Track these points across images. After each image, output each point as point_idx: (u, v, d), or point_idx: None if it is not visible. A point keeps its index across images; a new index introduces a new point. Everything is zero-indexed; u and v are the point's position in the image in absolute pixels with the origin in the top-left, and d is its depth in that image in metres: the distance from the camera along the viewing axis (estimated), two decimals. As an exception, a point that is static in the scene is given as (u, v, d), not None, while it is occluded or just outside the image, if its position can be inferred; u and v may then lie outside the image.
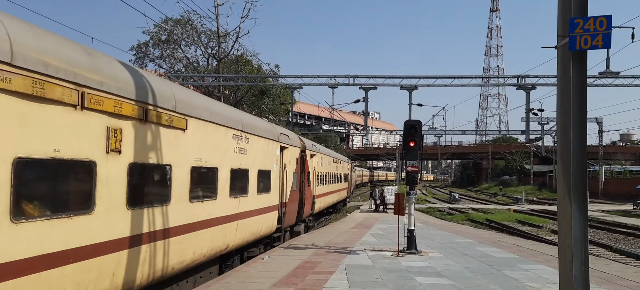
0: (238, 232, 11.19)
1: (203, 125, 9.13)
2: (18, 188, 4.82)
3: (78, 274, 5.62)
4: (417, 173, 13.32)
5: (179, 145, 8.13)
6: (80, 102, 5.67)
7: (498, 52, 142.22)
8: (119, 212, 6.43)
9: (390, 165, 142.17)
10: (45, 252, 5.16)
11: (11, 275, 4.75)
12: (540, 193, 64.54)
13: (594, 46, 5.29)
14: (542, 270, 10.88)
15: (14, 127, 4.82)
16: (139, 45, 37.99)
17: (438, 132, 58.94)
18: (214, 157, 9.62)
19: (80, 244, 5.68)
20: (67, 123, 5.50)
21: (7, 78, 4.68)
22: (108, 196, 6.19)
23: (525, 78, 32.72)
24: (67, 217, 5.47)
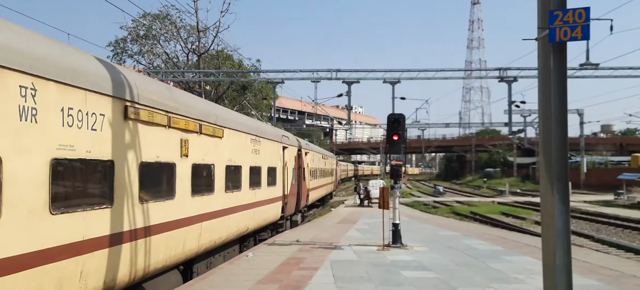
0: (254, 217, 13.92)
1: (233, 133, 11.70)
2: (141, 181, 7.26)
3: (171, 239, 8.31)
4: (402, 167, 13.33)
5: (218, 149, 10.63)
6: (168, 124, 8.09)
7: (480, 45, 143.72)
8: (186, 199, 8.87)
9: (374, 160, 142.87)
10: (163, 221, 7.98)
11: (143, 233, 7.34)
12: (523, 185, 65.44)
13: (574, 38, 5.30)
14: (526, 262, 10.98)
15: (141, 143, 7.25)
16: (116, 41, 37.35)
17: (422, 126, 59.33)
18: (239, 157, 12.20)
19: (170, 219, 8.25)
20: (162, 138, 7.95)
21: (137, 111, 7.09)
22: (181, 187, 8.62)
23: (507, 70, 33.05)
24: (163, 200, 8.02)
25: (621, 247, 16.38)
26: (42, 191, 5.22)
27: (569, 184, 5.33)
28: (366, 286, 8.52)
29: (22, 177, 4.97)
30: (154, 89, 8.07)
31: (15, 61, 4.92)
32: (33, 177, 5.11)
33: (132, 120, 6.98)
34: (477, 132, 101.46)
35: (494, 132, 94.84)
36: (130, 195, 6.92)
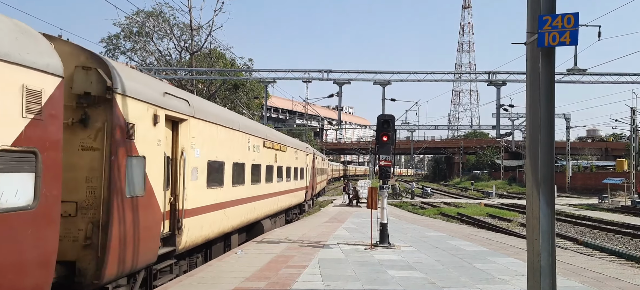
0: (294, 198, 23.87)
1: (288, 149, 21.54)
2: (267, 176, 16.69)
3: (266, 205, 16.50)
4: (390, 167, 13.42)
5: (283, 158, 20.14)
6: (272, 147, 17.44)
7: (470, 48, 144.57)
8: (267, 184, 17.01)
9: (363, 160, 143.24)
10: (240, 197, 13.58)
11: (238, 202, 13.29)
12: (510, 187, 66.13)
13: (562, 43, 5.40)
14: (511, 263, 11.13)
15: (263, 157, 16.40)
16: (109, 38, 37.08)
17: (411, 127, 59.60)
18: (290, 162, 21.99)
19: (250, 195, 14.83)
20: (262, 152, 15.92)
21: (266, 142, 16.20)
22: (265, 177, 16.51)
23: (496, 74, 33.34)
24: (256, 184, 15.33)
25: (604, 250, 16.65)
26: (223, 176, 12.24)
27: (555, 187, 5.44)
28: (353, 285, 8.58)
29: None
30: (258, 126, 18.10)
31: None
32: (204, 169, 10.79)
33: (266, 148, 16.82)
34: (465, 134, 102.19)
35: (482, 134, 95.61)
36: (248, 179, 14.37)
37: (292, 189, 22.52)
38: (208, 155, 10.76)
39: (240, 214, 13.73)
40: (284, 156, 20.26)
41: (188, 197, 9.48)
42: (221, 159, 11.81)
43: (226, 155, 12.24)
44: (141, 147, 7.60)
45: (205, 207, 10.63)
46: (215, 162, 11.33)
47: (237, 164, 13.35)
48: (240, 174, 13.65)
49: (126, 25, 36.00)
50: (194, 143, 9.89)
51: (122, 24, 35.84)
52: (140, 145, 7.58)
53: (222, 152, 11.88)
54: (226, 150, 12.24)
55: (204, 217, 10.50)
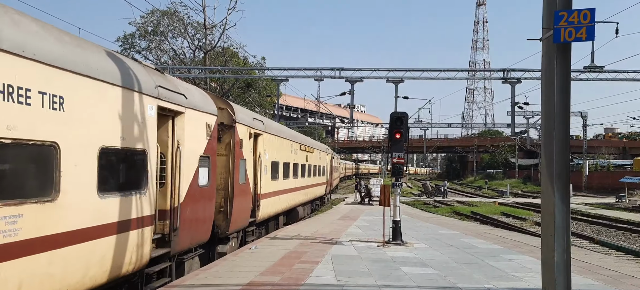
0: (317, 190, 28.62)
1: (314, 150, 27.21)
2: (301, 172, 22.75)
3: (300, 196, 22.17)
4: (403, 165, 13.41)
5: (311, 158, 25.50)
6: (299, 148, 21.93)
7: (484, 45, 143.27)
8: (301, 178, 22.38)
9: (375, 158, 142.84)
10: (286, 188, 18.85)
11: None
12: (525, 186, 65.45)
13: (578, 38, 5.37)
14: (526, 260, 11.07)
15: (300, 157, 22.52)
16: (125, 37, 37.52)
17: (424, 125, 59.34)
18: (315, 161, 27.31)
19: (292, 187, 20.04)
20: (299, 154, 21.61)
21: (302, 147, 21.88)
22: (300, 173, 22.02)
23: (511, 72, 33.06)
24: (295, 178, 20.72)
25: (621, 249, 16.44)
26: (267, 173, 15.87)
27: (570, 183, 5.42)
28: (366, 280, 8.62)
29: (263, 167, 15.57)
30: (314, 144, 28.12)
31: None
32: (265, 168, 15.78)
33: (301, 151, 21.92)
34: (479, 132, 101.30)
35: (497, 133, 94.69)
36: (291, 175, 19.19)
37: (317, 183, 28.54)
38: (271, 157, 16.10)
39: (286, 200, 19.04)
40: (312, 156, 26.17)
41: (262, 186, 14.78)
42: (277, 160, 17.09)
43: (280, 157, 17.60)
44: (244, 153, 12.84)
45: (270, 193, 16.06)
46: (275, 162, 16.69)
47: (286, 164, 18.70)
48: (287, 170, 19.00)
49: (141, 24, 36.41)
50: (265, 149, 15.09)
51: (137, 23, 36.26)
52: (244, 152, 12.81)
53: (278, 155, 17.20)
54: (280, 153, 17.60)
55: (269, 200, 15.93)
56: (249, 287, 7.90)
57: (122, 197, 6.83)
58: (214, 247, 11.55)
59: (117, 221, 6.69)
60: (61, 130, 5.59)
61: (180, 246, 8.90)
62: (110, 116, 6.62)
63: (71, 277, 5.80)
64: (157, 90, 7.89)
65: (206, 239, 10.55)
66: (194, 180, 9.32)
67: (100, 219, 6.35)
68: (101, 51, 6.88)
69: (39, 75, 5.25)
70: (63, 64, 5.65)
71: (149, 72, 8.01)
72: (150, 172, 7.64)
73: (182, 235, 8.87)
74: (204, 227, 10.16)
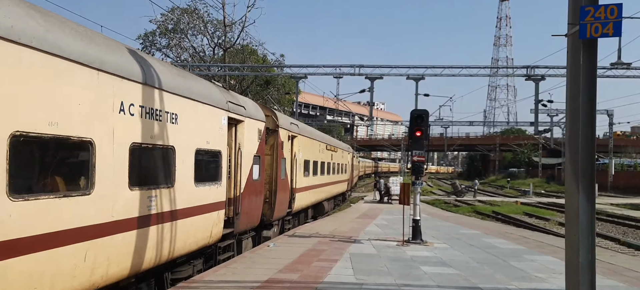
0: (340, 187, 30.19)
1: (338, 150, 28.96)
2: (327, 170, 24.68)
3: (326, 191, 24.06)
4: (423, 163, 13.28)
5: (335, 157, 27.33)
6: (326, 147, 23.77)
7: (507, 42, 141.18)
8: (327, 175, 24.08)
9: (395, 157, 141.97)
10: (315, 184, 20.92)
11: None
12: (548, 186, 64.17)
13: (605, 34, 5.21)
14: (549, 261, 10.85)
15: (327, 156, 24.70)
16: (146, 34, 38.02)
17: (445, 123, 58.73)
18: (339, 159, 28.99)
19: (320, 183, 21.99)
20: (325, 153, 23.61)
21: (330, 147, 25.17)
22: (326, 171, 23.75)
23: (534, 68, 32.45)
24: (322, 175, 22.54)
25: (648, 251, 15.99)
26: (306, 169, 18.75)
27: (595, 183, 5.26)
28: (385, 279, 8.55)
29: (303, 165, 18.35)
30: (339, 145, 30.72)
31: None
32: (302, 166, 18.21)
33: (327, 150, 23.94)
34: (501, 131, 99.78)
35: (519, 131, 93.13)
36: (319, 172, 21.39)
37: (340, 180, 30.41)
38: (304, 156, 18.13)
39: (315, 194, 21.16)
40: (336, 155, 27.92)
41: (297, 181, 16.88)
42: (308, 159, 19.10)
43: (310, 156, 19.53)
44: (284, 153, 14.95)
45: (303, 188, 18.07)
46: (306, 161, 18.69)
47: (314, 162, 20.55)
48: (315, 168, 20.89)
49: (162, 22, 36.84)
50: (299, 149, 17.08)
51: (158, 21, 36.70)
52: (284, 152, 14.93)
53: (309, 154, 19.17)
54: (310, 153, 19.55)
55: (302, 194, 17.98)
56: (268, 284, 7.92)
57: (207, 186, 9.06)
58: (261, 232, 13.76)
59: (205, 204, 8.94)
60: (176, 137, 7.81)
61: (240, 228, 11.24)
62: (201, 126, 8.85)
63: (187, 239, 8.33)
64: (227, 104, 10.14)
65: (257, 224, 12.85)
66: (250, 176, 11.59)
67: (196, 201, 8.58)
68: (196, 78, 9.65)
69: (164, 100, 7.48)
70: (176, 91, 7.88)
71: (221, 91, 10.33)
72: (223, 168, 9.91)
73: (242, 219, 11.16)
74: (256, 213, 12.53)
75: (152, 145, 7.14)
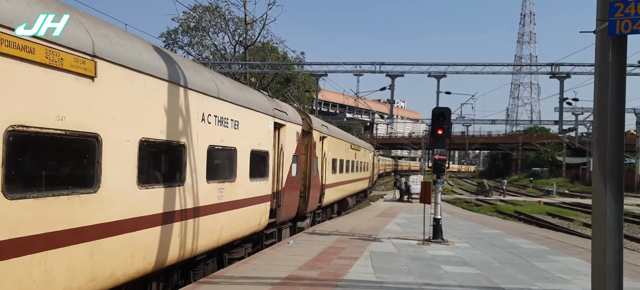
0: (362, 184, 31.75)
1: (361, 149, 30.45)
2: (351, 168, 25.97)
3: (350, 188, 25.75)
4: (445, 161, 13.15)
5: (358, 155, 28.58)
6: (350, 147, 25.44)
7: (531, 39, 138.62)
8: (351, 173, 25.68)
9: (415, 155, 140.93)
10: (341, 181, 22.56)
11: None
12: (572, 186, 62.83)
13: (635, 31, 5.09)
14: (573, 262, 10.64)
15: (352, 154, 26.68)
16: (168, 33, 38.51)
17: (466, 121, 58.03)
18: (361, 158, 30.11)
19: (345, 180, 23.73)
20: (350, 152, 25.04)
21: (354, 146, 27.37)
22: (350, 169, 25.29)
23: (559, 66, 31.80)
24: (347, 173, 24.36)
25: (678, 254, 15.52)
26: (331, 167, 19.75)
27: (623, 183, 5.14)
28: (406, 278, 8.51)
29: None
30: (360, 143, 31.52)
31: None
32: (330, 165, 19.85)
33: (351, 149, 25.29)
34: (524, 129, 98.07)
35: (543, 130, 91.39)
36: (344, 170, 22.83)
37: (362, 178, 31.73)
38: (332, 155, 19.70)
39: (341, 190, 22.74)
40: (359, 154, 29.10)
41: (326, 178, 18.44)
42: (335, 157, 20.56)
43: (337, 155, 21.03)
44: (316, 152, 16.39)
45: (331, 184, 19.64)
46: (334, 159, 20.21)
47: (340, 160, 21.94)
48: (341, 166, 22.33)
49: (184, 20, 37.26)
50: (328, 149, 18.59)
51: (180, 19, 37.13)
52: (316, 152, 16.36)
53: (336, 154, 20.65)
54: (337, 152, 21.02)
55: (330, 190, 19.53)
56: (288, 281, 7.96)
57: (259, 181, 10.78)
58: (296, 223, 15.48)
59: (257, 196, 10.67)
60: (238, 140, 9.53)
61: (281, 218, 12.82)
62: (255, 130, 10.56)
63: (242, 225, 10.00)
64: (273, 111, 11.81)
65: (294, 216, 14.56)
66: (289, 173, 13.10)
67: (250, 194, 10.27)
68: (250, 89, 11.69)
69: (230, 110, 9.18)
70: (238, 102, 9.61)
71: (268, 100, 12.07)
72: (270, 166, 11.56)
73: (283, 211, 12.78)
74: (294, 206, 14.22)
75: (222, 147, 8.89)
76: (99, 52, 5.58)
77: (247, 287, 7.50)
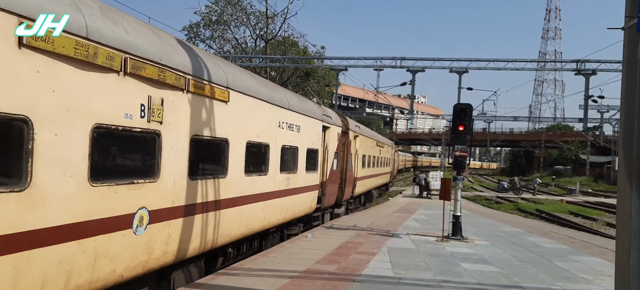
0: (384, 178, 34.46)
1: (385, 146, 33.50)
2: (376, 163, 28.64)
3: (374, 181, 28.51)
4: (466, 158, 13.02)
5: (382, 152, 31.24)
6: (376, 144, 28.11)
7: (556, 35, 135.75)
8: (376, 168, 28.02)
9: (435, 151, 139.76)
10: (368, 174, 25.31)
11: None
12: (596, 185, 61.49)
13: (665, 27, 4.95)
14: (596, 262, 10.45)
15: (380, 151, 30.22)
16: (190, 26, 38.87)
17: (488, 118, 57.31)
18: (384, 154, 32.60)
19: (371, 174, 26.51)
20: (376, 148, 27.72)
21: (378, 143, 29.95)
22: (375, 164, 27.69)
23: (585, 63, 31.11)
24: (373, 168, 26.79)
25: None
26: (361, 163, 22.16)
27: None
28: (424, 274, 8.48)
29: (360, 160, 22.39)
30: (384, 141, 34.25)
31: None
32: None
33: (377, 146, 28.12)
34: (547, 127, 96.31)
35: (567, 127, 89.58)
36: (372, 164, 26.17)
37: (385, 172, 34.68)
38: (362, 152, 21.96)
39: (368, 183, 25.33)
40: (382, 150, 31.55)
41: (358, 172, 20.91)
42: (365, 153, 22.95)
43: (366, 151, 23.27)
44: (351, 150, 18.70)
45: (361, 177, 22.12)
46: (364, 155, 22.62)
47: (368, 156, 24.37)
48: (369, 161, 24.91)
49: (206, 14, 37.57)
50: (359, 146, 20.91)
51: (203, 13, 37.46)
52: (351, 149, 18.64)
53: (365, 150, 22.87)
54: (366, 149, 23.31)
55: (360, 182, 22.07)
56: (305, 275, 8.01)
57: (311, 173, 13.24)
58: (334, 209, 17.70)
59: (310, 185, 13.21)
60: (299, 140, 12.05)
61: (325, 205, 15.45)
62: (309, 132, 12.98)
63: (300, 207, 12.70)
64: (322, 116, 14.46)
65: (333, 204, 17.07)
66: (331, 167, 15.54)
67: (306, 183, 12.83)
68: (305, 99, 14.27)
69: (295, 117, 11.73)
70: (299, 111, 12.13)
71: (318, 107, 15.01)
72: (319, 161, 14.04)
73: (326, 198, 15.40)
74: (334, 195, 16.86)
75: (289, 146, 11.37)
76: (230, 84, 8.19)
77: (266, 280, 7.57)
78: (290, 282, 7.49)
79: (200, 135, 7.23)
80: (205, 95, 7.29)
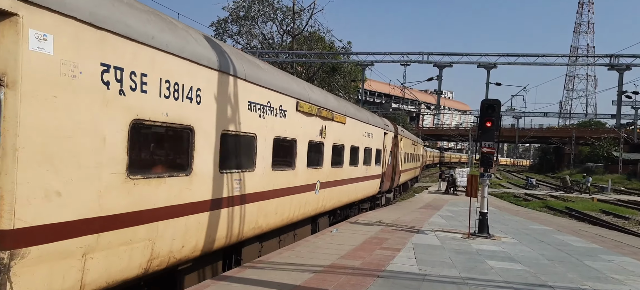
0: (415, 172, 40.78)
1: (418, 144, 40.62)
2: (411, 159, 34.52)
3: (410, 174, 35.52)
4: (493, 155, 12.85)
5: (416, 149, 36.79)
6: (412, 143, 33.13)
7: (589, 29, 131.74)
8: (410, 163, 33.07)
9: (462, 147, 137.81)
10: (406, 168, 31.48)
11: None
12: (629, 183, 59.60)
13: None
14: (627, 262, 10.19)
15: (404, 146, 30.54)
16: (218, 22, 39.33)
17: (517, 114, 56.15)
18: (417, 151, 38.91)
19: (408, 168, 33.10)
20: (412, 146, 33.27)
21: (413, 143, 35.11)
22: (410, 159, 32.93)
23: (619, 57, 30.15)
24: (408, 163, 31.74)
25: None
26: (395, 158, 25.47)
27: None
28: (449, 272, 8.44)
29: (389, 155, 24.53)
30: (409, 136, 33.12)
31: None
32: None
33: (412, 145, 33.40)
34: (578, 123, 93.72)
35: (599, 124, 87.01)
36: (410, 160, 32.76)
37: (417, 167, 40.52)
38: (404, 150, 26.72)
39: (406, 175, 30.48)
40: (416, 148, 36.57)
41: (401, 166, 25.88)
42: (405, 151, 27.48)
43: (406, 149, 27.78)
44: (398, 149, 24.28)
45: (403, 170, 27.25)
46: (406, 153, 27.67)
47: (406, 153, 28.68)
48: (407, 158, 29.45)
49: (234, 9, 37.94)
50: (403, 146, 25.80)
51: (230, 9, 37.84)
52: (398, 148, 24.23)
53: (406, 148, 27.48)
54: (406, 147, 27.61)
55: (402, 174, 27.17)
56: (330, 269, 8.08)
57: (376, 166, 18.31)
58: (385, 195, 22.73)
59: (374, 174, 18.33)
60: (371, 143, 17.42)
61: (383, 189, 20.86)
62: (377, 137, 18.35)
63: (370, 189, 18.38)
64: (384, 126, 20.05)
65: (387, 189, 22.05)
66: (387, 162, 20.43)
67: (373, 173, 18.05)
68: (376, 115, 20.83)
69: (370, 128, 17.28)
70: (372, 123, 17.74)
71: (381, 119, 20.64)
72: (380, 158, 19.08)
73: (384, 184, 20.69)
74: (388, 183, 21.82)
75: (366, 148, 16.53)
76: (346, 113, 13.64)
77: (290, 274, 7.67)
78: (314, 276, 7.57)
79: (337, 143, 13.10)
80: (335, 120, 12.66)
